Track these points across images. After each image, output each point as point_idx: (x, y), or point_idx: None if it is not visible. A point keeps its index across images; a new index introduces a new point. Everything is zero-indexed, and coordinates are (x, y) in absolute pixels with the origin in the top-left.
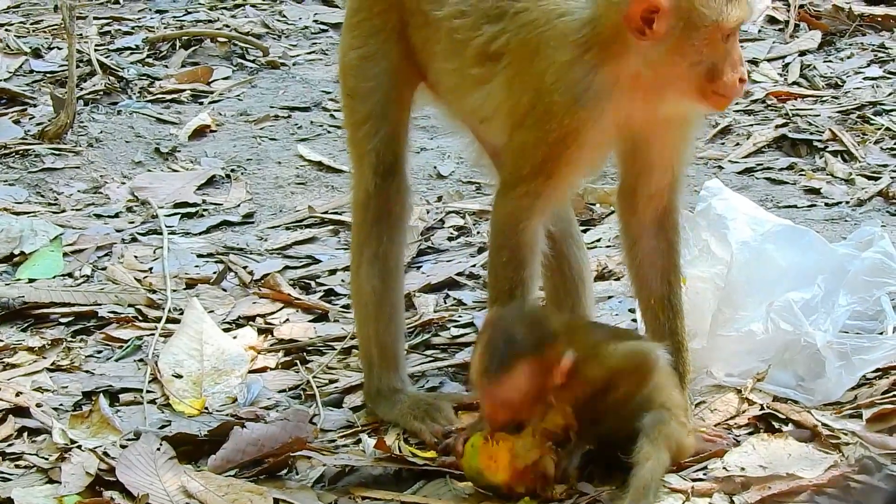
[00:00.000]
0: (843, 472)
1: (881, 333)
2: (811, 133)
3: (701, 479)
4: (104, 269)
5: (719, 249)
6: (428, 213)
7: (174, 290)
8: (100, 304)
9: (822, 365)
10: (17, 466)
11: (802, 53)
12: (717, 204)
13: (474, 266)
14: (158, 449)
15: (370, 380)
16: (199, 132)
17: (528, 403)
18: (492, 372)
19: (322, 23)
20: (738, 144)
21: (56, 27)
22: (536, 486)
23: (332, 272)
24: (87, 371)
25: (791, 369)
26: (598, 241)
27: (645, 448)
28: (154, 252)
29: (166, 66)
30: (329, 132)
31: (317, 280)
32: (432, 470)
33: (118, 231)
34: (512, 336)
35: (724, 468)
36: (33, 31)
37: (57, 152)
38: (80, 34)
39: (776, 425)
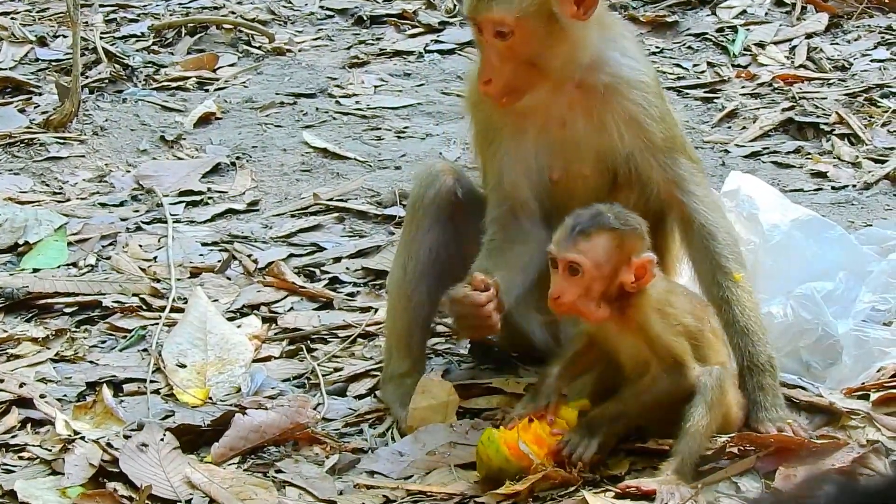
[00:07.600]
0: (856, 455)
1: None
2: (818, 116)
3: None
4: (108, 258)
5: (745, 231)
6: None
7: (178, 279)
8: (104, 294)
9: (836, 355)
10: (20, 458)
11: (809, 36)
12: (745, 187)
13: None
14: (162, 439)
15: (387, 364)
16: (205, 119)
17: (596, 284)
18: (573, 234)
19: (328, 9)
20: (744, 128)
21: (61, 15)
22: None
23: (337, 260)
24: (90, 361)
25: (801, 357)
26: None
27: (699, 409)
28: (159, 241)
29: (172, 54)
30: (334, 119)
31: (321, 268)
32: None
33: (123, 220)
34: (600, 211)
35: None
36: (39, 19)
37: (62, 141)
38: (86, 22)
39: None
